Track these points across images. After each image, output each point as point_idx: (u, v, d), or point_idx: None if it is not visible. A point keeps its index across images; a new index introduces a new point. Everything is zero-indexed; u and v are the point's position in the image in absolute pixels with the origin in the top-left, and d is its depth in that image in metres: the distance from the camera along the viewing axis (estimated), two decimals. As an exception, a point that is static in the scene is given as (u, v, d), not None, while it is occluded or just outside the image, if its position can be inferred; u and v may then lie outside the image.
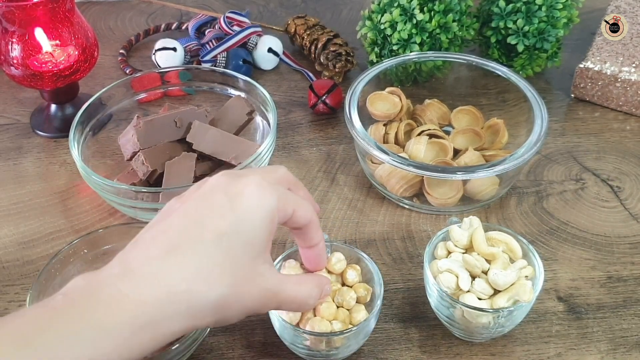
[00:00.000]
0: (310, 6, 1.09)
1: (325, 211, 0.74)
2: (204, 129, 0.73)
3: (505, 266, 0.57)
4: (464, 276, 0.56)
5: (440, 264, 0.57)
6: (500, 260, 0.57)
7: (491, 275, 0.55)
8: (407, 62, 0.81)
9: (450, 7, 0.83)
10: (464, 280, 0.56)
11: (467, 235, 0.59)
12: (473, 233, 0.58)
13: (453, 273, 0.57)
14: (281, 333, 0.58)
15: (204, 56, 0.91)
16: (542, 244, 0.69)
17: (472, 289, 0.56)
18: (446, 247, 0.60)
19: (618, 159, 0.79)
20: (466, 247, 0.59)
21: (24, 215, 0.74)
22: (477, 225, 0.59)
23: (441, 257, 0.59)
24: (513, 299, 0.55)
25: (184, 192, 0.51)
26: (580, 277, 0.66)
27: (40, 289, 0.60)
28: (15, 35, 0.77)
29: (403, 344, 0.61)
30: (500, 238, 0.59)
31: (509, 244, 0.59)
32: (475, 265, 0.56)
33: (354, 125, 0.72)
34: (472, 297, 0.56)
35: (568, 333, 0.61)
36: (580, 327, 0.61)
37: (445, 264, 0.57)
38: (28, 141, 0.84)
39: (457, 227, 0.60)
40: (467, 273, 0.57)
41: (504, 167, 0.67)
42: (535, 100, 0.74)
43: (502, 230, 0.60)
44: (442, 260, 0.58)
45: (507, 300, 0.55)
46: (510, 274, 0.55)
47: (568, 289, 0.65)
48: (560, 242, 0.69)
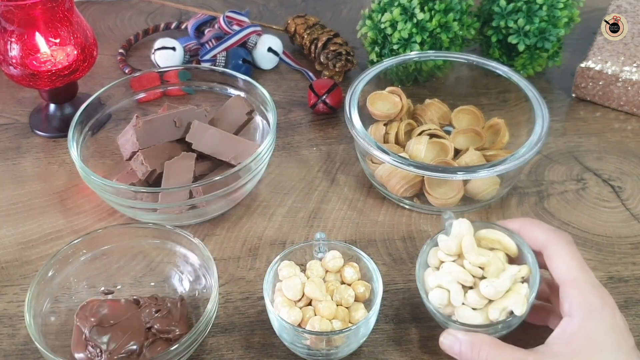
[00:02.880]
0: (310, 5, 1.08)
1: (325, 211, 0.73)
2: (204, 129, 0.72)
3: (498, 271, 0.55)
4: (456, 290, 0.55)
5: (429, 282, 0.56)
6: (494, 266, 0.56)
7: (483, 287, 0.54)
8: (408, 61, 0.81)
9: (451, 6, 0.83)
10: (455, 295, 0.55)
11: (456, 243, 0.57)
12: (462, 241, 0.57)
13: (443, 288, 0.55)
14: (281, 333, 0.58)
15: (204, 56, 0.91)
16: (543, 244, 0.69)
17: (466, 302, 0.55)
18: (437, 256, 0.58)
19: (619, 159, 0.79)
20: (457, 254, 0.57)
21: (23, 216, 0.74)
22: (466, 231, 0.57)
23: (433, 265, 0.58)
24: (507, 309, 0.54)
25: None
26: (581, 277, 0.65)
27: (40, 289, 0.60)
28: (14, 34, 0.76)
29: (403, 344, 0.61)
30: (493, 237, 0.57)
31: (502, 241, 0.57)
32: (466, 280, 0.55)
33: (354, 125, 0.72)
34: (466, 310, 0.55)
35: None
36: (581, 328, 0.61)
37: (436, 280, 0.56)
38: (27, 141, 0.83)
39: (444, 237, 0.58)
40: (459, 286, 0.55)
41: (505, 167, 0.67)
42: (536, 100, 0.74)
43: (494, 227, 0.58)
44: (431, 276, 0.57)
45: (501, 312, 0.54)
46: (502, 283, 0.54)
47: (569, 289, 0.65)
48: (561, 243, 0.69)
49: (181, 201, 0.68)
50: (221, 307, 0.64)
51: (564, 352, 0.51)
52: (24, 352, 0.61)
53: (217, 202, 0.70)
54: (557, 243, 0.56)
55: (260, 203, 0.75)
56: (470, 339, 0.54)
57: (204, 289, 0.63)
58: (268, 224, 0.72)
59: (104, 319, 0.60)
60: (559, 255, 0.55)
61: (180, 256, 0.65)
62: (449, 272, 0.56)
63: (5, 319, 0.64)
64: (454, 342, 0.55)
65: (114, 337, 0.59)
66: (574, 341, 0.51)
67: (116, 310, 0.61)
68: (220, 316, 0.63)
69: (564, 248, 0.55)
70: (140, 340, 0.59)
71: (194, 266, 0.65)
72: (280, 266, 0.59)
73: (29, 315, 0.57)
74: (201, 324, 0.56)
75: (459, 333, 0.55)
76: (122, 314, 0.61)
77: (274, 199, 0.75)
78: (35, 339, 0.56)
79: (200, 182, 0.67)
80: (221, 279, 0.67)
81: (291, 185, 0.77)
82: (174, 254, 0.65)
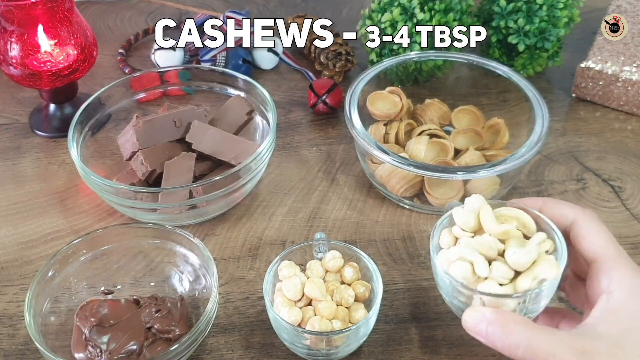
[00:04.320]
0: (310, 5, 1.08)
1: (325, 211, 0.73)
2: (204, 129, 0.72)
3: (521, 243, 0.51)
4: (480, 261, 0.49)
5: (449, 254, 0.51)
6: (515, 237, 0.51)
7: (510, 255, 0.49)
8: (408, 61, 0.81)
9: (451, 6, 0.83)
10: (480, 266, 0.49)
11: (474, 215, 0.52)
12: (480, 212, 0.52)
13: (466, 261, 0.50)
14: (280, 333, 0.58)
15: (204, 56, 0.91)
16: (543, 244, 0.69)
17: (491, 275, 0.49)
18: (452, 234, 0.53)
19: (619, 159, 0.79)
20: (474, 230, 0.53)
21: (23, 216, 0.74)
22: (482, 203, 0.53)
23: (449, 244, 0.53)
24: (538, 278, 0.48)
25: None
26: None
27: (40, 289, 0.60)
28: (14, 34, 0.76)
29: (403, 344, 0.61)
30: (510, 214, 0.53)
31: (521, 218, 0.52)
32: (490, 247, 0.50)
33: (354, 125, 0.72)
34: (492, 284, 0.49)
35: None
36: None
37: (456, 252, 0.51)
38: (27, 141, 0.83)
39: (460, 209, 0.53)
40: (482, 257, 0.50)
41: (505, 167, 0.67)
42: (536, 99, 0.74)
43: (511, 205, 0.54)
44: (451, 248, 0.52)
45: (533, 280, 0.48)
46: (530, 251, 0.49)
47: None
48: (561, 243, 0.69)
49: (181, 201, 0.68)
50: (221, 307, 0.64)
51: (611, 333, 0.45)
52: (24, 352, 0.61)
53: (217, 202, 0.70)
54: (588, 219, 0.51)
55: (260, 203, 0.75)
56: (500, 317, 0.47)
57: (204, 289, 0.63)
58: (268, 224, 0.72)
59: (104, 319, 0.60)
60: (593, 230, 0.50)
61: (180, 256, 0.65)
62: (469, 244, 0.51)
63: (5, 319, 0.64)
64: (481, 320, 0.47)
65: (114, 337, 0.59)
66: (619, 320, 0.46)
67: (116, 310, 0.61)
68: (220, 316, 0.63)
69: (596, 223, 0.51)
70: (140, 340, 0.59)
71: (194, 266, 0.65)
72: (280, 266, 0.59)
73: (29, 315, 0.57)
74: (201, 324, 0.56)
75: (486, 310, 0.47)
76: (122, 314, 0.61)
77: (274, 199, 0.75)
78: (35, 339, 0.56)
79: (200, 182, 0.67)
80: (221, 279, 0.67)
81: (291, 185, 0.77)
82: (174, 254, 0.65)
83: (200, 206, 0.69)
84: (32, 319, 0.58)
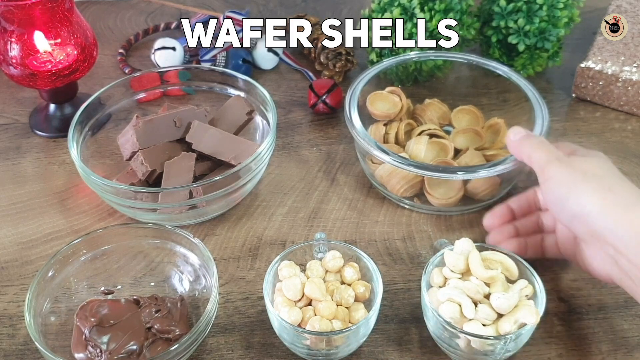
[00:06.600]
0: (310, 5, 1.08)
1: (325, 211, 0.73)
2: (204, 129, 0.72)
3: (504, 288, 0.57)
4: (468, 304, 0.55)
5: (440, 295, 0.56)
6: (500, 282, 0.57)
7: (494, 300, 0.55)
8: (408, 61, 0.81)
9: (451, 6, 0.82)
10: (468, 308, 0.55)
11: (463, 259, 0.58)
12: (469, 256, 0.58)
13: (455, 302, 0.55)
14: (281, 333, 0.58)
15: (204, 56, 0.91)
16: (543, 244, 0.69)
17: (476, 316, 0.55)
18: (442, 274, 0.59)
19: (619, 159, 0.79)
20: (462, 272, 0.58)
21: (23, 216, 0.74)
22: (471, 247, 0.59)
23: (438, 284, 0.59)
24: (519, 322, 0.54)
25: None
26: (581, 277, 0.65)
27: (40, 289, 0.60)
28: (14, 34, 0.76)
29: (403, 344, 0.61)
30: (495, 258, 0.59)
31: (505, 263, 0.58)
32: (477, 291, 0.56)
33: (354, 125, 0.72)
34: (476, 324, 0.55)
35: (569, 334, 0.61)
36: (581, 328, 0.61)
37: (446, 293, 0.56)
38: (27, 141, 0.83)
39: (451, 252, 0.59)
40: (469, 300, 0.55)
41: (505, 167, 0.67)
42: (536, 99, 0.74)
43: (496, 250, 0.60)
44: (442, 289, 0.57)
45: (513, 324, 0.54)
46: (513, 296, 0.55)
47: (569, 289, 0.65)
48: (561, 243, 0.69)
49: (181, 201, 0.68)
50: (221, 307, 0.64)
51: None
52: (24, 352, 0.61)
53: (217, 202, 0.70)
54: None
55: (260, 203, 0.75)
56: (523, 138, 0.64)
57: (204, 289, 0.63)
58: (268, 224, 0.72)
59: (104, 319, 0.60)
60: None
61: (180, 256, 0.65)
62: (458, 286, 0.56)
63: (5, 319, 0.64)
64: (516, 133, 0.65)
65: (114, 337, 0.59)
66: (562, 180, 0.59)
67: (116, 310, 0.61)
68: (220, 316, 0.63)
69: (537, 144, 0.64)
70: (140, 340, 0.59)
71: (194, 266, 0.65)
72: (280, 266, 0.59)
73: (29, 315, 0.57)
74: (201, 324, 0.56)
75: (516, 132, 0.65)
76: (122, 314, 0.61)
77: (274, 199, 0.75)
78: (35, 339, 0.56)
79: (200, 182, 0.67)
80: (221, 279, 0.67)
81: (291, 185, 0.77)
82: (174, 254, 0.65)
83: (200, 206, 0.69)
84: (32, 319, 0.58)
